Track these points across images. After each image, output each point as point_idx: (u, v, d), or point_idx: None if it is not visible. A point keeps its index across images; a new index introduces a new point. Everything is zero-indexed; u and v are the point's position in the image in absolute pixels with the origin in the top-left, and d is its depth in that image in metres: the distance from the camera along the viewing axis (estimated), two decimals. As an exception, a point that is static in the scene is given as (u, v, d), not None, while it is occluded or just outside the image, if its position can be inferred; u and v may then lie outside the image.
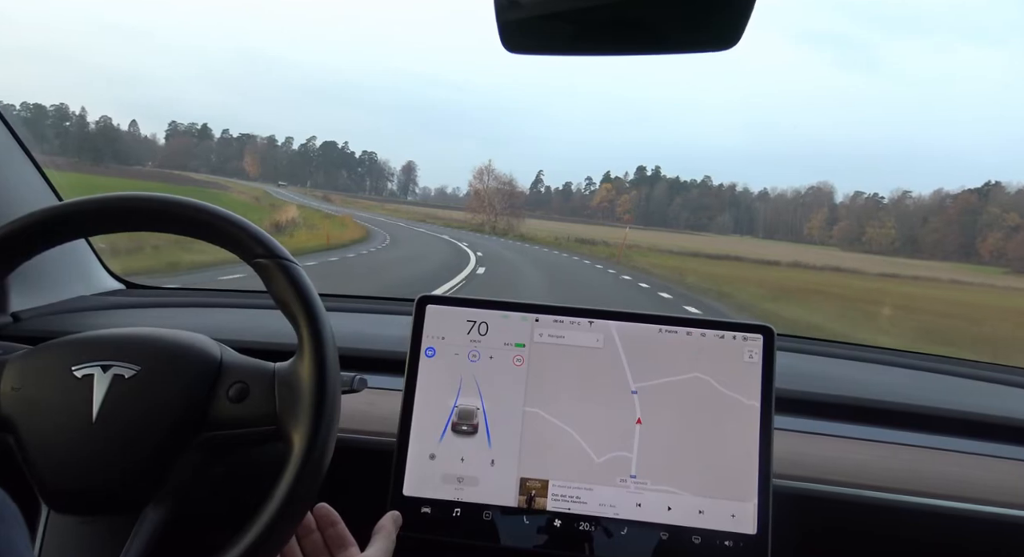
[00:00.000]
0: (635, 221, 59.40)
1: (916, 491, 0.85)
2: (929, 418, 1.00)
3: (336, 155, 78.52)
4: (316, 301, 0.71)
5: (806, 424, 0.98)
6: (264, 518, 0.65)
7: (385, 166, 78.49)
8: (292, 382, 0.70)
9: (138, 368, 0.71)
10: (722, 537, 0.78)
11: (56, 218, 0.74)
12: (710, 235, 53.00)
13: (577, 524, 0.79)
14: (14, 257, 0.75)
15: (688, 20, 0.52)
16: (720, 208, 62.05)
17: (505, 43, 0.54)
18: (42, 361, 0.73)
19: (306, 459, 0.66)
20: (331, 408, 0.69)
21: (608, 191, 66.51)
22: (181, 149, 71.97)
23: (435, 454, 0.81)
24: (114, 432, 0.69)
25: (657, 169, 67.35)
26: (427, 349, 0.84)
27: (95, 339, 0.74)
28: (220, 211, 0.73)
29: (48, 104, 59.97)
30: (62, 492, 0.69)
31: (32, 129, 53.65)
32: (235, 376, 0.72)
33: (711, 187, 65.72)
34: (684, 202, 64.53)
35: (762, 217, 58.96)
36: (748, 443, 0.79)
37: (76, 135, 56.34)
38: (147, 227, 0.74)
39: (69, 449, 0.69)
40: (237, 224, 0.72)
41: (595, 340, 0.83)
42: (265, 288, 0.73)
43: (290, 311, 0.71)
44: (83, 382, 0.70)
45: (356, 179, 78.54)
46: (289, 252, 0.73)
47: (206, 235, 0.73)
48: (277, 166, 75.83)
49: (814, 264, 34.96)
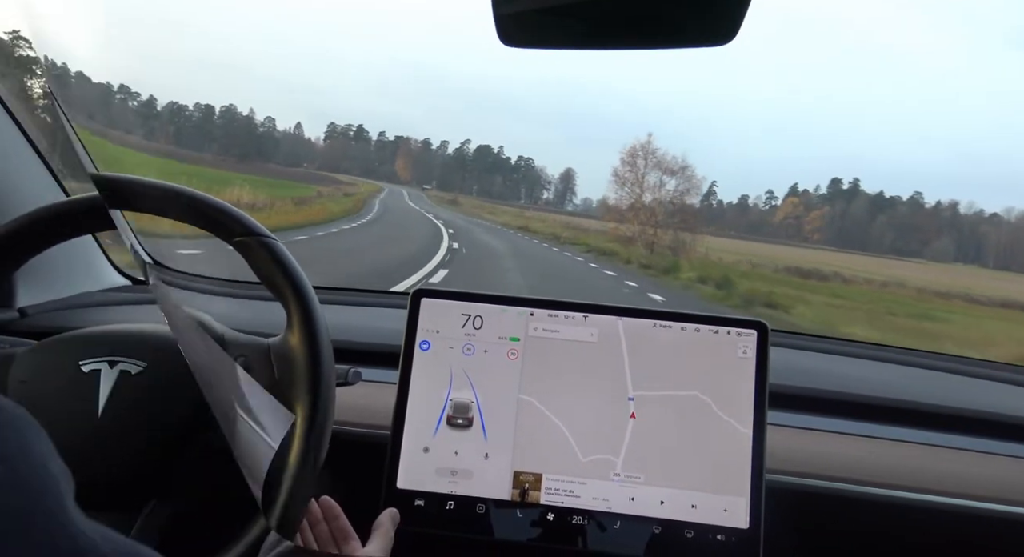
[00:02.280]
0: (825, 240, 50.07)
1: (909, 487, 0.86)
2: (923, 414, 1.01)
3: (491, 160, 75.46)
4: (300, 274, 0.72)
5: (800, 419, 0.98)
6: (284, 485, 0.65)
7: (542, 173, 75.02)
8: (287, 353, 0.71)
9: (144, 364, 0.71)
10: (714, 531, 0.78)
11: (64, 214, 0.74)
12: (922, 262, 42.03)
13: (570, 517, 0.79)
14: (22, 253, 0.75)
15: (684, 15, 0.52)
16: (936, 230, 50.94)
17: (501, 36, 0.54)
18: (50, 355, 0.73)
19: (311, 423, 0.67)
20: (327, 374, 0.70)
21: (794, 206, 55.79)
22: (337, 151, 70.91)
23: (429, 447, 0.81)
24: (119, 427, 0.69)
25: (856, 182, 57.53)
26: (422, 342, 0.84)
27: (102, 334, 0.74)
28: (198, 194, 0.74)
29: (218, 105, 59.65)
30: None
31: (201, 128, 51.66)
32: (237, 351, 0.73)
33: (923, 205, 54.02)
34: (889, 221, 53.64)
35: (994, 243, 47.52)
36: (741, 438, 0.80)
37: (241, 135, 56.17)
38: (133, 208, 0.74)
39: (74, 443, 0.69)
40: (215, 206, 0.73)
41: (589, 334, 0.83)
42: (250, 268, 0.73)
43: (275, 285, 0.72)
44: (90, 377, 0.71)
45: (511, 186, 75.79)
46: (267, 229, 0.73)
47: (186, 217, 0.74)
48: (430, 170, 73.23)
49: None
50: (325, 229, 15.10)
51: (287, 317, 0.71)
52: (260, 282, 0.72)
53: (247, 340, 0.75)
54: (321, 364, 0.69)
